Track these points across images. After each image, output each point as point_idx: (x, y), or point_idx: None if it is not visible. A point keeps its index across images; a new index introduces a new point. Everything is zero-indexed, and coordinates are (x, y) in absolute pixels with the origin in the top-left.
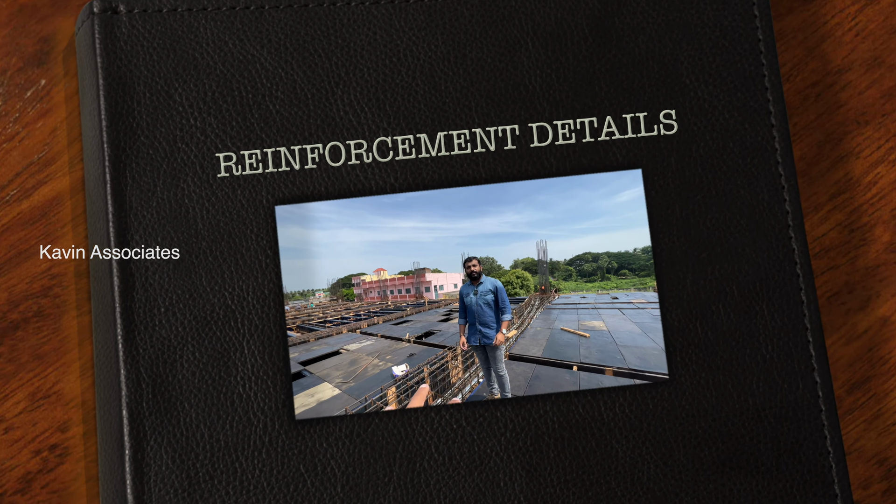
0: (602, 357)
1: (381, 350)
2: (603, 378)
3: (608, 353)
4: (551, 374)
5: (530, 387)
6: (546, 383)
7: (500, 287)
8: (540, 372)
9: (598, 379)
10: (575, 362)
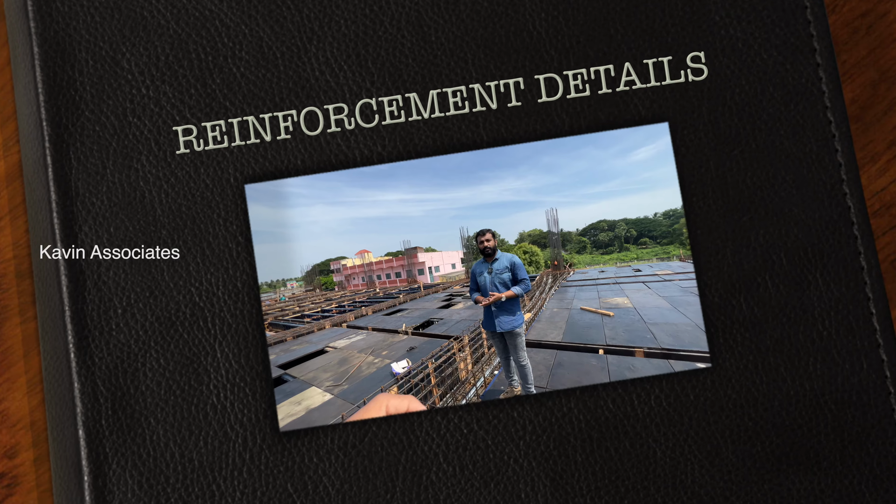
0: (630, 337)
1: (374, 345)
2: (633, 360)
3: (636, 332)
4: (575, 359)
5: (554, 376)
6: (571, 370)
7: (517, 263)
8: (562, 358)
9: (629, 361)
10: (600, 345)
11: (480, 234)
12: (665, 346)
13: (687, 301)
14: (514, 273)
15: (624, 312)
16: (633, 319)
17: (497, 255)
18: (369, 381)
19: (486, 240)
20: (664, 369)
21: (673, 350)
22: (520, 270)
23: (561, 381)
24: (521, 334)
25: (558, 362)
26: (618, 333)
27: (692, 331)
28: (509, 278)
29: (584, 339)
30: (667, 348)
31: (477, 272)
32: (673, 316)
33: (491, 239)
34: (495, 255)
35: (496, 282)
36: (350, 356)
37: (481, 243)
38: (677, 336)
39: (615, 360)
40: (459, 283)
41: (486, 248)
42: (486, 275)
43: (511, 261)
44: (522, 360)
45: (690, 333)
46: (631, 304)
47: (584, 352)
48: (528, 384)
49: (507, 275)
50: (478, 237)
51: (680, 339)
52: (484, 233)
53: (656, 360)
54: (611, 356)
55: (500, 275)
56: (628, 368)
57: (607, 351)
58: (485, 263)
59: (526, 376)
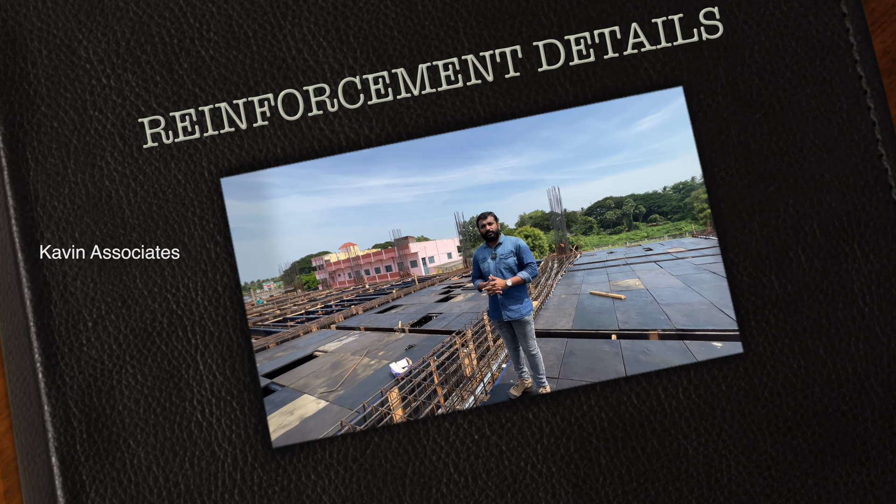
0: (643, 320)
1: (369, 346)
2: (648, 344)
3: (649, 314)
4: (587, 346)
5: (566, 365)
6: (583, 358)
7: (522, 246)
8: (573, 346)
9: (643, 345)
10: (613, 330)
11: (481, 217)
12: (680, 326)
13: (701, 279)
14: (519, 257)
15: (636, 295)
16: (645, 301)
17: (500, 240)
18: (367, 385)
19: (487, 223)
20: (680, 351)
21: (689, 330)
22: (526, 254)
23: (574, 369)
24: (530, 322)
25: (570, 350)
26: (630, 317)
27: (707, 309)
28: (515, 263)
29: (595, 325)
30: (682, 329)
31: (479, 258)
32: (687, 295)
33: (493, 222)
34: (498, 239)
35: (501, 267)
36: (343, 359)
37: (483, 227)
38: (692, 316)
39: (629, 345)
40: (458, 273)
41: (488, 232)
42: (489, 261)
43: (516, 244)
44: (533, 350)
45: (706, 312)
46: (643, 285)
47: (596, 338)
48: (540, 375)
49: (513, 259)
50: (479, 221)
51: (695, 319)
52: (485, 216)
53: (671, 342)
54: (624, 341)
55: (504, 260)
56: (643, 352)
57: (620, 335)
58: (487, 249)
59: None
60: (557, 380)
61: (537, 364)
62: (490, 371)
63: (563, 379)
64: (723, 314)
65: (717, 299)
